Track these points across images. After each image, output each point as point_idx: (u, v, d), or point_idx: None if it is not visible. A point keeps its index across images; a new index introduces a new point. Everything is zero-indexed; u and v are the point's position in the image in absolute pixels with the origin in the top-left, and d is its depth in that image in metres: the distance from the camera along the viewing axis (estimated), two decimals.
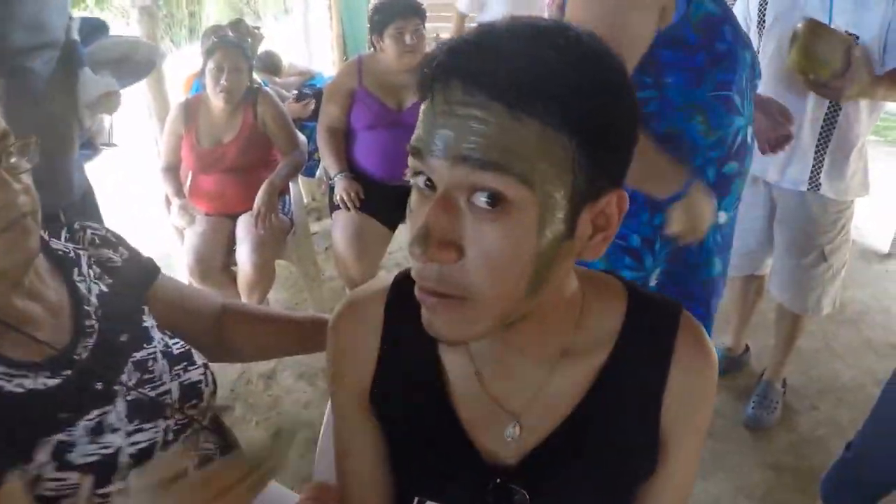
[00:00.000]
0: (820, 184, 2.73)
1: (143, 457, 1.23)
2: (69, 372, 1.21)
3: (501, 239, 0.78)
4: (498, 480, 1.03)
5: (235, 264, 3.45)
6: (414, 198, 0.85)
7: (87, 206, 2.43)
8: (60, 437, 1.15)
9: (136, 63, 2.49)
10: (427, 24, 3.56)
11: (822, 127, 2.66)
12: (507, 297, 0.83)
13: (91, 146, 2.59)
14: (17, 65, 2.00)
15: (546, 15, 3.73)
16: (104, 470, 1.18)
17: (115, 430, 1.21)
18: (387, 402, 1.10)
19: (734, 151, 1.83)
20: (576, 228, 0.84)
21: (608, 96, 0.81)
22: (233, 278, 3.48)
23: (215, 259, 3.43)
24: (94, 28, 2.40)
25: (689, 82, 1.71)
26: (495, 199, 0.77)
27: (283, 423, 3.19)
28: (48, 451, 1.13)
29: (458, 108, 0.76)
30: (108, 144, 2.69)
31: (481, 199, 0.77)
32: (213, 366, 1.45)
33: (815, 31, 2.40)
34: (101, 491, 1.16)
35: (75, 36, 2.22)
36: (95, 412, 1.20)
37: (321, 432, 1.63)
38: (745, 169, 1.93)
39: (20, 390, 1.14)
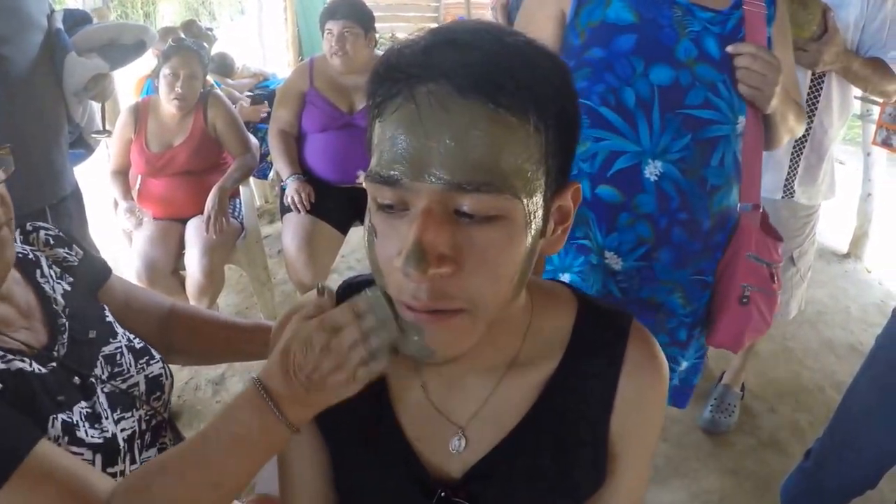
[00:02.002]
0: (794, 191, 2.76)
1: (131, 442, 1.28)
2: (54, 365, 1.23)
3: (497, 242, 0.78)
4: (442, 494, 1.02)
5: (184, 269, 3.41)
6: (378, 216, 0.81)
7: (77, 203, 2.41)
8: (64, 417, 1.18)
9: (124, 46, 2.45)
10: (383, 24, 3.52)
11: None
12: (502, 301, 0.83)
13: (83, 145, 2.57)
14: None
15: (490, 15, 3.71)
16: (108, 451, 1.21)
17: (107, 418, 1.25)
18: (329, 413, 1.05)
19: (611, 176, 1.73)
20: (547, 225, 0.86)
21: (568, 88, 0.83)
22: (181, 283, 3.43)
23: (164, 263, 3.37)
24: (79, 20, 2.39)
25: None
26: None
27: None
28: (59, 427, 1.16)
29: (447, 116, 0.74)
30: (101, 132, 2.65)
31: (472, 212, 0.76)
32: None
33: None
34: (109, 470, 1.20)
35: (59, 26, 2.21)
36: (85, 403, 1.23)
37: None
38: (641, 211, 1.73)
39: (19, 367, 1.16)
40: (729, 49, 1.66)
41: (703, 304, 1.88)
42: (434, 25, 0.84)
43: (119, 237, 3.63)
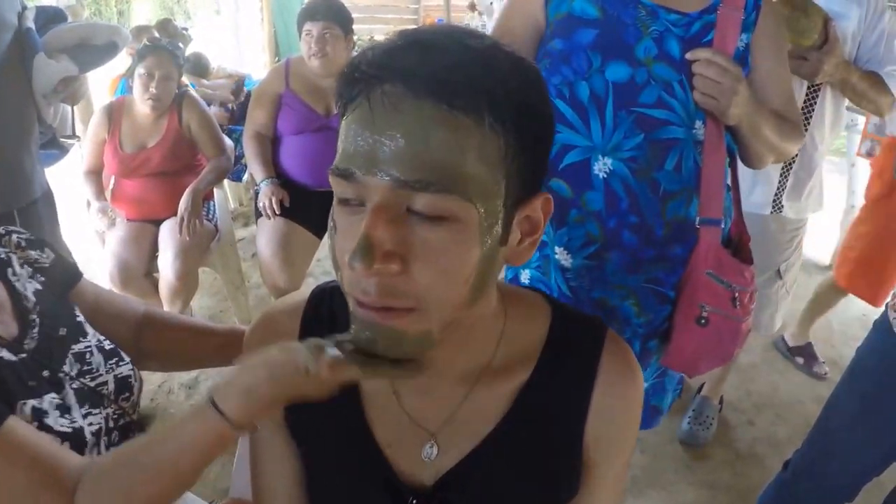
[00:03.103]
0: (782, 206, 2.75)
1: (98, 437, 1.28)
2: (24, 356, 1.24)
3: (448, 244, 0.78)
4: (414, 501, 1.02)
5: (157, 271, 3.38)
6: (339, 211, 0.82)
7: (47, 206, 2.38)
8: (34, 402, 1.19)
9: (95, 47, 2.41)
10: (362, 26, 3.48)
11: None
12: (455, 304, 0.82)
13: (57, 146, 2.54)
14: None
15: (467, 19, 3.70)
16: (76, 441, 1.22)
17: (75, 410, 1.26)
18: (301, 419, 1.08)
19: (562, 170, 1.69)
20: (510, 234, 0.85)
21: (534, 93, 0.82)
22: (154, 285, 3.40)
23: (137, 266, 3.34)
24: (51, 18, 2.36)
25: None
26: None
27: None
28: (28, 413, 1.18)
29: (399, 116, 0.74)
30: (70, 137, 2.64)
31: (423, 211, 0.76)
32: None
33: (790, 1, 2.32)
34: None
35: (30, 24, 2.18)
36: (54, 395, 1.24)
37: (238, 447, 1.62)
38: (589, 208, 1.69)
39: None
40: (687, 55, 1.62)
41: (662, 317, 1.80)
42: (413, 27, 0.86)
43: (92, 238, 3.59)
